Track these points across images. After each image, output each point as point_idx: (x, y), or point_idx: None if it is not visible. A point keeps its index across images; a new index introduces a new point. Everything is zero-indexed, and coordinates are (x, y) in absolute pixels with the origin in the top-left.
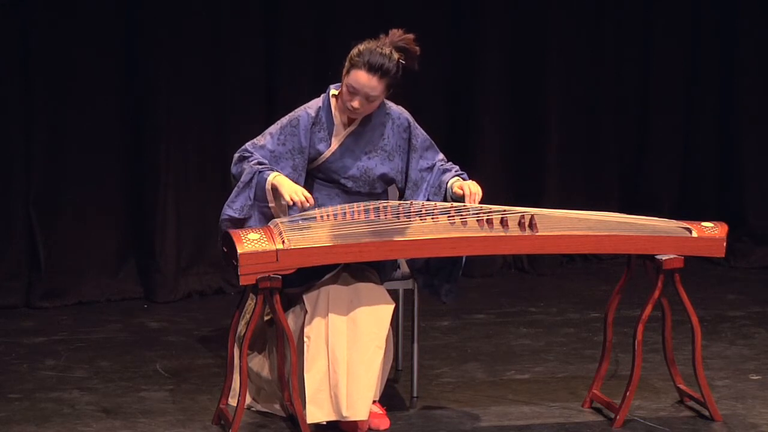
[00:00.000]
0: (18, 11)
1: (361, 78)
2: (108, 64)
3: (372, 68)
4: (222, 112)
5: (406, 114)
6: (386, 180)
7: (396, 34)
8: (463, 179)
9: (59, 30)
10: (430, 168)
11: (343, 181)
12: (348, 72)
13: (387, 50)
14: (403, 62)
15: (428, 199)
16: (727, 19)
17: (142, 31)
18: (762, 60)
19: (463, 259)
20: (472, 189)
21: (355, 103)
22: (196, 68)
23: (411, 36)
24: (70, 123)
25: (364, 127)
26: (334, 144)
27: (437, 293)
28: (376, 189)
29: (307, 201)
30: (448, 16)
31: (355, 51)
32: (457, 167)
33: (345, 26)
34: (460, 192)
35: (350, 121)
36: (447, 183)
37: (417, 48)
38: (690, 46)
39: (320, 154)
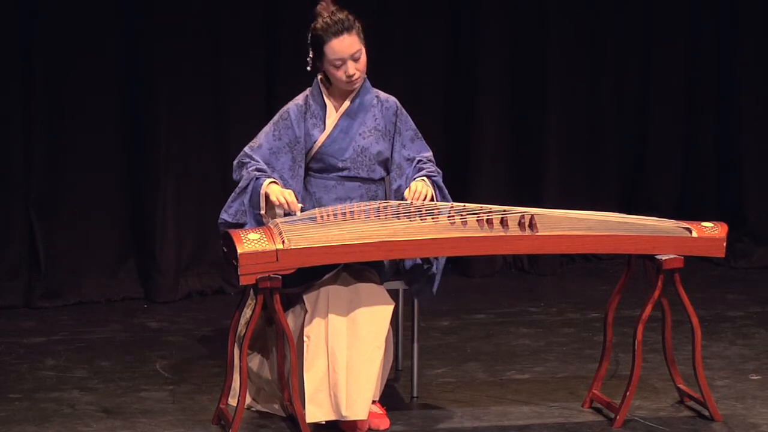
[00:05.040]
0: (18, 11)
1: (336, 45)
2: (108, 64)
3: (339, 31)
4: (222, 111)
5: (393, 99)
6: (382, 160)
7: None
8: (432, 180)
9: (59, 30)
10: (411, 160)
11: (340, 164)
12: (323, 53)
13: (334, 10)
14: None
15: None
16: (727, 19)
17: (143, 31)
18: (762, 60)
19: (443, 261)
20: (418, 187)
21: (350, 69)
22: (197, 68)
23: None
24: (70, 123)
25: (357, 108)
26: (329, 126)
27: (415, 293)
28: (375, 173)
29: (294, 204)
30: (448, 16)
31: (314, 33)
32: (433, 169)
33: None
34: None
35: (341, 104)
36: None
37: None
38: (690, 46)
39: (316, 140)
